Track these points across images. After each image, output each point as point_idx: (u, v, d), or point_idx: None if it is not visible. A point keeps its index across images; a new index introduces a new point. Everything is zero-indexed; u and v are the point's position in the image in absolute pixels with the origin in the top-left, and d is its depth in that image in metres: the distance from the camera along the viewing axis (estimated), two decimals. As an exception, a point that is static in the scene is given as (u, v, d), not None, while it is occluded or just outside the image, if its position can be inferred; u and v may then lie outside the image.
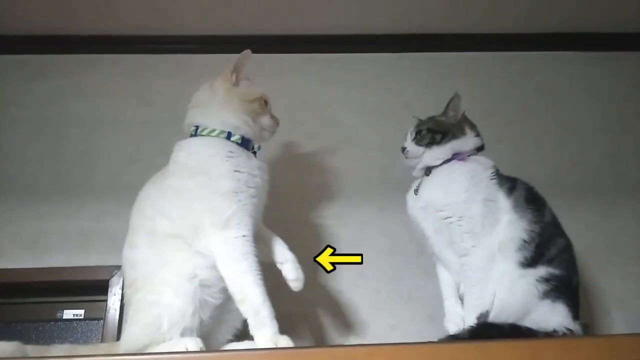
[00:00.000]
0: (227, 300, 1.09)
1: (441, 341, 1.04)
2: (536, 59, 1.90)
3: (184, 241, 1.07)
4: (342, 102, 1.80)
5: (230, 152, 1.13)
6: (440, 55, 1.89)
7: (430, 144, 1.26)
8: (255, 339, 1.01)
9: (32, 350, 1.03)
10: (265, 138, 1.27)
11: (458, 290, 1.19)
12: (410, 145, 1.29)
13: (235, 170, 1.11)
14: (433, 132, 1.27)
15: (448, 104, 1.31)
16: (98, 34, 1.81)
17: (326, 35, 1.87)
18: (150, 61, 1.83)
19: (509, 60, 1.90)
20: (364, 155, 1.72)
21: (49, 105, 1.74)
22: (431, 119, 1.33)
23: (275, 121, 1.27)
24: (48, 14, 1.71)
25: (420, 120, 1.36)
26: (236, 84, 1.21)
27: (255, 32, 1.84)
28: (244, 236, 1.07)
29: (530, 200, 1.19)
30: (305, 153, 1.72)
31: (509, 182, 1.22)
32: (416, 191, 1.25)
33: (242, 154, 1.15)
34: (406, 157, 1.29)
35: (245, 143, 1.18)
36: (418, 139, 1.28)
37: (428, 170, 1.26)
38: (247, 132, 1.19)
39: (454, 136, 1.26)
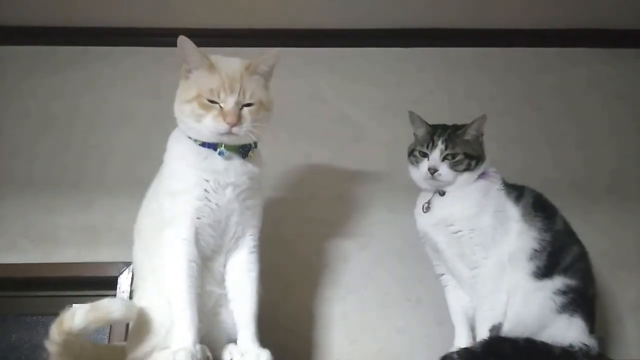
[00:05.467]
0: (216, 306, 1.09)
1: (456, 354, 1.03)
2: (552, 55, 1.84)
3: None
4: (350, 98, 1.77)
5: (184, 151, 1.08)
6: (452, 50, 1.84)
7: (465, 170, 1.19)
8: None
9: None
10: (223, 141, 1.05)
11: (468, 317, 1.18)
12: (444, 169, 1.18)
13: (186, 170, 1.06)
14: (470, 157, 1.19)
15: (471, 124, 1.23)
16: (108, 26, 1.79)
17: (335, 30, 1.82)
18: (160, 54, 1.80)
19: (523, 56, 1.84)
20: (373, 153, 1.69)
21: (58, 98, 1.73)
22: (461, 139, 1.21)
23: (224, 121, 1.02)
24: (57, 5, 1.69)
25: (433, 128, 1.26)
26: (185, 76, 1.08)
27: (264, 26, 1.80)
28: (183, 239, 1.03)
29: (538, 207, 1.18)
30: (313, 150, 1.69)
31: (515, 191, 1.21)
32: (425, 208, 1.22)
33: (199, 154, 1.06)
34: (432, 179, 1.19)
35: (207, 143, 1.07)
36: (454, 164, 1.18)
37: (442, 191, 1.22)
38: (198, 135, 1.06)
39: (484, 160, 1.22)
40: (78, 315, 0.97)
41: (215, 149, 1.07)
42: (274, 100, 1.13)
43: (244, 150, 1.10)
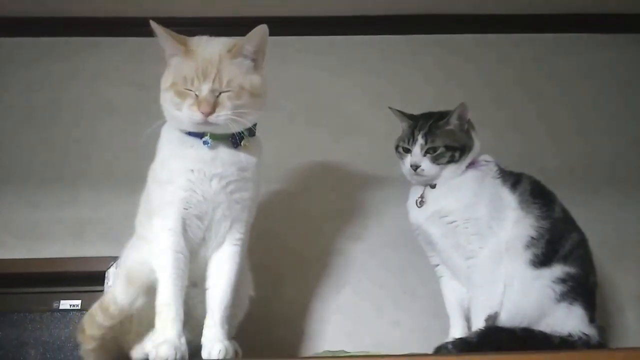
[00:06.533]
0: (187, 298, 1.04)
1: (450, 344, 1.00)
2: (551, 41, 1.80)
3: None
4: (344, 88, 1.72)
5: (172, 138, 1.04)
6: (449, 37, 1.80)
7: (449, 162, 1.16)
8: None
9: None
10: (202, 130, 1.01)
11: (463, 308, 1.15)
12: (426, 164, 1.15)
13: (171, 159, 1.03)
14: (452, 149, 1.16)
15: (452, 113, 1.19)
16: (93, 15, 1.74)
17: (328, 17, 1.77)
18: (146, 45, 1.74)
19: (521, 42, 1.79)
20: (368, 143, 1.65)
21: (42, 90, 1.68)
22: (443, 130, 1.17)
23: (198, 110, 0.97)
24: (41, -6, 1.65)
25: (413, 121, 1.23)
26: (168, 63, 1.05)
27: (254, 14, 1.73)
28: (169, 229, 1.01)
29: (536, 194, 1.15)
30: (306, 142, 1.65)
31: (512, 177, 1.18)
32: (419, 202, 1.18)
33: (185, 142, 1.03)
34: (416, 175, 1.17)
35: (193, 132, 1.03)
36: (435, 157, 1.15)
37: (433, 183, 1.18)
38: (179, 124, 1.03)
39: (470, 149, 1.18)
40: (120, 293, 0.97)
41: (201, 138, 1.02)
42: (265, 84, 1.05)
43: (234, 140, 1.03)
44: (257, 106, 1.04)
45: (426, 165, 1.15)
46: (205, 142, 1.01)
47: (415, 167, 1.16)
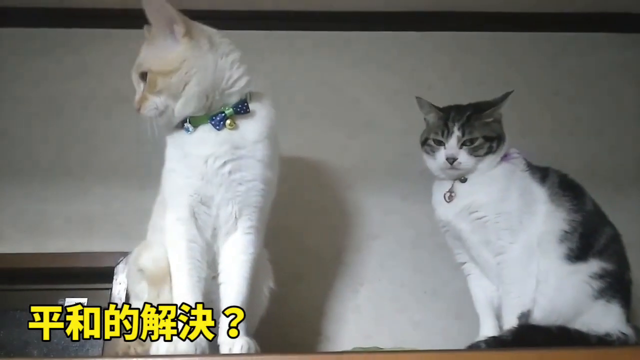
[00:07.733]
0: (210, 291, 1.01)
1: (483, 343, 0.95)
2: (570, 40, 1.77)
3: None
4: (361, 84, 1.69)
5: (173, 131, 1.03)
6: (466, 34, 1.77)
7: (487, 153, 1.11)
8: None
9: None
10: (158, 123, 1.02)
11: (493, 306, 1.09)
12: (463, 156, 1.09)
13: (171, 149, 1.03)
14: (490, 140, 1.10)
15: (500, 102, 1.14)
16: (104, 7, 1.71)
17: (345, 12, 1.75)
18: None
19: (540, 41, 1.77)
20: (385, 140, 1.62)
21: (52, 82, 1.64)
22: (481, 122, 1.13)
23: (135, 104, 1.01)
24: (51, -16, 1.62)
25: (444, 112, 1.18)
26: None
27: (270, 8, 1.73)
28: (177, 219, 0.99)
29: (565, 187, 1.11)
30: (323, 137, 1.61)
31: (540, 172, 1.14)
32: (448, 197, 1.13)
33: (178, 131, 1.02)
34: (451, 169, 1.11)
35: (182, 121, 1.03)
36: (473, 149, 1.10)
37: (464, 177, 1.13)
38: None
39: (504, 139, 1.13)
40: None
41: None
42: (183, 53, 0.95)
43: (215, 122, 0.98)
44: (181, 82, 0.95)
45: (463, 157, 1.10)
46: (186, 129, 1.00)
47: (451, 160, 1.10)
